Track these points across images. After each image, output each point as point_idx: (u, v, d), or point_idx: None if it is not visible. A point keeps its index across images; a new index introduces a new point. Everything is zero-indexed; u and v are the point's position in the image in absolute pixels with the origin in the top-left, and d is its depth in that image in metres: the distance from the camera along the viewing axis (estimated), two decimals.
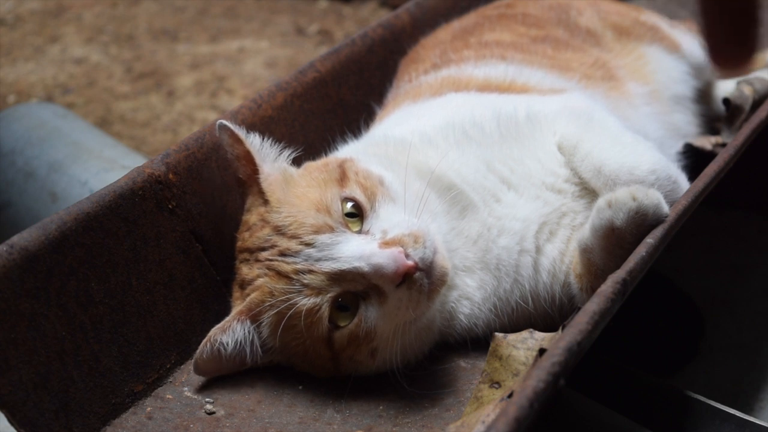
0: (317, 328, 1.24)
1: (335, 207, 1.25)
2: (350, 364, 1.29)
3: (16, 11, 3.98)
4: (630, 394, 1.43)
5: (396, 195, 1.30)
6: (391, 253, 1.19)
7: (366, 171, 1.32)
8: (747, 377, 1.66)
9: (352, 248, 1.21)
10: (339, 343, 1.25)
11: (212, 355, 1.29)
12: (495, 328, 1.36)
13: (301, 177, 1.34)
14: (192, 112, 3.12)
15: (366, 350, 1.27)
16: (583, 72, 1.66)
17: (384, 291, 1.22)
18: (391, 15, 1.97)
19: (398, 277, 1.19)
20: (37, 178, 2.09)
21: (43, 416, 1.19)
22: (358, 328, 1.24)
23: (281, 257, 1.25)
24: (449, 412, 1.26)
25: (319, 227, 1.24)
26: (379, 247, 1.21)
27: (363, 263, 1.20)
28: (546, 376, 0.96)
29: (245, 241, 1.32)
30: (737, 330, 1.78)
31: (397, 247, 1.20)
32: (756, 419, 1.35)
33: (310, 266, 1.22)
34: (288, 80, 1.69)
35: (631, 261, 1.15)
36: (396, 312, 1.23)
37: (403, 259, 1.19)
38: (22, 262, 1.21)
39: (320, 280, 1.22)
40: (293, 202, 1.28)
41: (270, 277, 1.25)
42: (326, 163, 1.37)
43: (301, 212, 1.26)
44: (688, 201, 1.27)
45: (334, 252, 1.22)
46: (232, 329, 1.29)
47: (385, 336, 1.25)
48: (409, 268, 1.19)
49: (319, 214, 1.25)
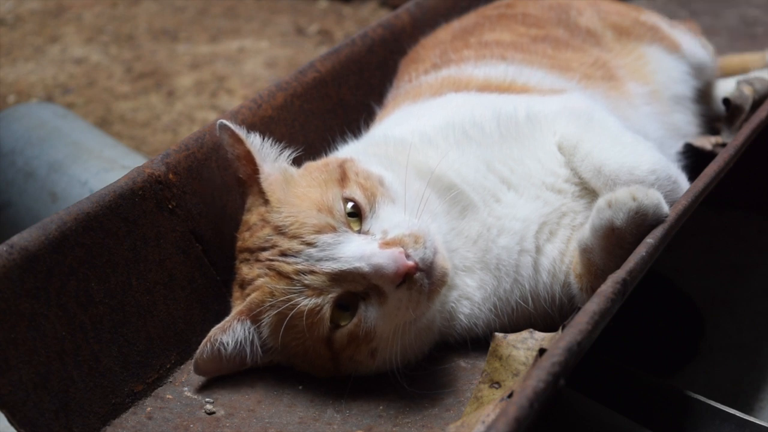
0: (318, 328, 1.24)
1: (337, 207, 1.25)
2: (350, 364, 1.29)
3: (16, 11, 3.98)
4: (630, 394, 1.43)
5: (396, 195, 1.30)
6: (391, 254, 1.19)
7: (366, 171, 1.32)
8: (747, 377, 1.66)
9: (352, 249, 1.21)
10: (339, 343, 1.25)
11: (212, 355, 1.29)
12: (495, 328, 1.36)
13: (301, 177, 1.34)
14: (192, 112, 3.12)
15: (366, 350, 1.27)
16: (583, 72, 1.66)
17: (384, 291, 1.22)
18: (391, 15, 1.97)
19: (398, 278, 1.19)
20: (37, 178, 2.09)
21: (43, 416, 1.19)
22: (357, 328, 1.24)
23: (282, 257, 1.25)
24: (449, 412, 1.26)
25: (321, 227, 1.24)
26: (379, 248, 1.21)
27: (363, 263, 1.20)
28: (546, 376, 0.96)
29: (245, 240, 1.32)
30: (737, 330, 1.77)
31: (398, 247, 1.20)
32: (756, 419, 1.35)
33: (311, 266, 1.22)
34: (288, 80, 1.69)
35: (631, 261, 1.15)
36: (396, 312, 1.23)
37: (403, 259, 1.19)
38: (22, 262, 1.21)
39: (321, 281, 1.22)
40: (294, 202, 1.28)
41: (271, 277, 1.25)
42: (326, 163, 1.37)
43: (302, 212, 1.26)
44: (688, 201, 1.27)
45: (335, 252, 1.22)
46: (232, 329, 1.29)
47: (385, 336, 1.25)
48: (409, 269, 1.19)
49: (321, 214, 1.25)
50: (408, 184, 1.30)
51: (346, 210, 1.26)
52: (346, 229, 1.24)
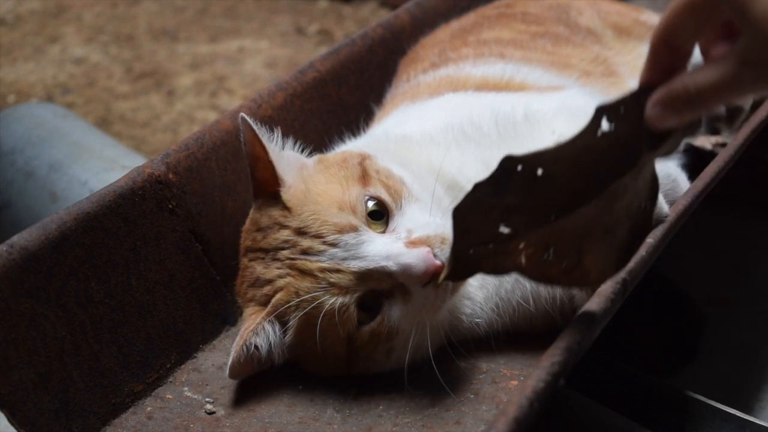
0: (344, 327, 1.23)
1: (360, 206, 1.25)
2: (365, 362, 1.29)
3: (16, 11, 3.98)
4: (630, 394, 1.44)
5: (418, 194, 1.29)
6: (419, 253, 1.19)
7: (387, 170, 1.31)
8: (747, 377, 1.66)
9: (378, 247, 1.21)
10: (360, 341, 1.25)
11: (248, 358, 1.28)
12: (497, 328, 1.36)
13: (319, 172, 1.31)
14: (192, 112, 3.12)
15: (384, 349, 1.27)
16: (583, 68, 1.65)
17: (409, 290, 1.22)
18: (391, 15, 1.97)
19: (427, 277, 1.19)
20: (37, 178, 2.09)
21: (43, 416, 1.19)
22: (381, 327, 1.24)
23: (304, 256, 1.24)
24: (449, 412, 1.26)
25: (343, 227, 1.23)
26: (406, 247, 1.21)
27: (391, 262, 1.20)
28: (546, 376, 0.96)
29: (258, 241, 1.30)
30: (737, 330, 1.77)
31: (425, 246, 1.20)
32: (756, 419, 1.35)
33: (337, 265, 1.21)
34: (288, 80, 1.69)
35: (631, 261, 1.15)
36: (420, 310, 1.23)
37: (432, 259, 1.19)
38: (22, 262, 1.21)
39: (348, 279, 1.21)
40: (315, 200, 1.26)
41: (293, 276, 1.24)
42: (344, 158, 1.34)
43: (324, 210, 1.24)
44: (688, 201, 1.27)
45: (360, 251, 1.21)
46: (264, 330, 1.27)
47: (405, 334, 1.25)
48: (437, 268, 1.19)
49: (342, 212, 1.24)
50: (423, 183, 1.30)
51: (368, 209, 1.25)
52: (367, 228, 1.24)
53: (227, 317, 1.46)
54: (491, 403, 1.27)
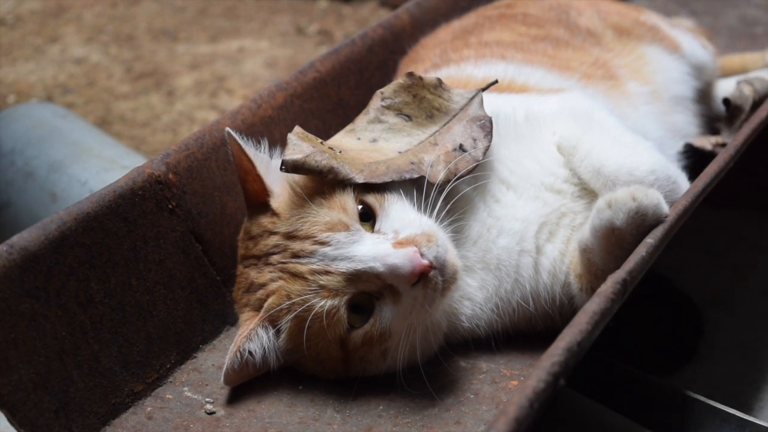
0: (334, 330, 1.23)
1: (350, 205, 1.25)
2: (361, 364, 1.29)
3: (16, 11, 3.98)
4: (630, 394, 1.44)
5: (406, 192, 1.29)
6: (406, 253, 1.19)
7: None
8: (747, 377, 1.66)
9: (366, 248, 1.21)
10: (353, 344, 1.25)
11: (242, 364, 1.28)
12: (497, 328, 1.36)
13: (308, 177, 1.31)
14: (192, 112, 3.12)
15: (378, 350, 1.27)
16: (583, 71, 1.66)
17: (399, 291, 1.22)
18: (391, 15, 1.97)
19: (414, 277, 1.19)
20: (37, 178, 2.09)
21: (43, 416, 1.19)
22: (373, 329, 1.24)
23: (295, 259, 1.24)
24: (449, 412, 1.26)
25: (334, 224, 1.23)
26: (393, 247, 1.21)
27: (378, 263, 1.20)
28: (546, 376, 0.96)
29: (250, 249, 1.31)
30: (737, 330, 1.78)
31: (412, 246, 1.20)
32: (756, 419, 1.35)
33: (327, 266, 1.21)
34: (288, 80, 1.69)
35: (631, 261, 1.15)
36: (410, 310, 1.23)
37: (419, 258, 1.19)
38: (22, 262, 1.21)
39: (337, 281, 1.21)
40: (303, 204, 1.26)
41: (285, 279, 1.24)
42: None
43: (313, 211, 1.25)
44: (688, 201, 1.27)
45: (349, 251, 1.21)
46: (258, 336, 1.27)
47: (398, 336, 1.25)
48: (425, 268, 1.19)
49: (333, 211, 1.24)
50: (417, 181, 1.30)
51: (359, 210, 1.25)
52: (359, 227, 1.24)
53: (227, 317, 1.46)
54: (491, 403, 1.27)
